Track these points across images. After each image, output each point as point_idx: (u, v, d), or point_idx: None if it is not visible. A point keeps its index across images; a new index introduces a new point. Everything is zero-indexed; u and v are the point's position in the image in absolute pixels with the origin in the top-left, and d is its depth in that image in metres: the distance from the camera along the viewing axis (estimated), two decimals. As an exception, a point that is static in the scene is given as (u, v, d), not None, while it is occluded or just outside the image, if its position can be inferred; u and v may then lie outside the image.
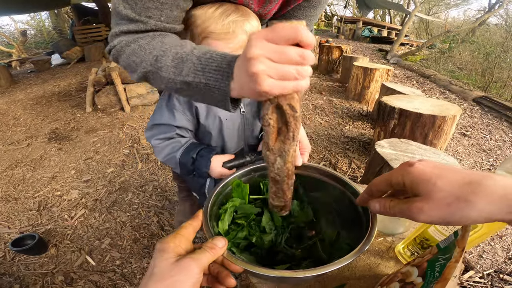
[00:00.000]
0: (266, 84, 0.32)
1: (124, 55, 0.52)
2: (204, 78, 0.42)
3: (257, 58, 0.31)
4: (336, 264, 0.41)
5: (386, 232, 0.67)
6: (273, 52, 0.31)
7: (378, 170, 1.33)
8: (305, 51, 0.32)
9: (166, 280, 0.33)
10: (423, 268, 0.36)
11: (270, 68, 0.32)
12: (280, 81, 0.33)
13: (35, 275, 1.38)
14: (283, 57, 0.32)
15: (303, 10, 0.71)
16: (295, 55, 0.32)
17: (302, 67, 0.33)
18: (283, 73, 0.32)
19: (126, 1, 0.49)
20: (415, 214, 0.32)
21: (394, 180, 0.35)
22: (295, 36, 0.31)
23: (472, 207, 0.28)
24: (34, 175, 2.17)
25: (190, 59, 0.44)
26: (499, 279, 1.29)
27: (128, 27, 0.51)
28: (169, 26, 0.54)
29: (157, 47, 0.49)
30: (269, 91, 0.33)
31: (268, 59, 0.32)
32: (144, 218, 1.69)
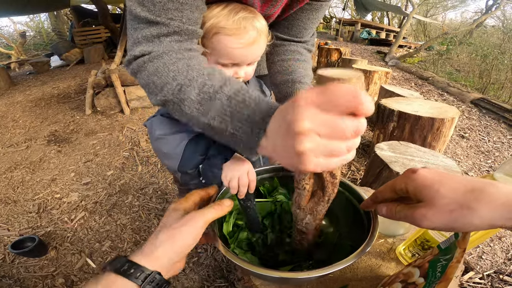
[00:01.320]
0: (311, 164, 0.28)
1: (145, 72, 0.47)
2: (232, 127, 0.37)
3: (306, 135, 0.26)
4: (338, 265, 0.42)
5: (387, 234, 0.68)
6: (325, 126, 0.26)
7: (378, 172, 1.34)
8: (361, 124, 0.27)
9: (174, 229, 0.39)
10: (424, 269, 0.37)
11: (319, 147, 0.27)
12: (327, 159, 0.28)
13: (35, 277, 1.38)
14: (336, 133, 0.26)
15: (306, 13, 0.71)
16: (350, 130, 0.26)
17: (353, 141, 0.28)
18: (333, 151, 0.27)
19: (142, 3, 0.45)
20: (418, 220, 0.32)
21: (398, 187, 0.36)
22: (354, 106, 0.25)
23: (475, 214, 0.29)
24: (34, 178, 2.17)
25: (219, 99, 0.39)
26: (499, 280, 1.30)
27: (150, 31, 0.46)
28: (192, 29, 0.50)
29: (183, 71, 0.44)
30: (313, 170, 0.28)
31: (318, 134, 0.26)
32: (145, 220, 1.69)
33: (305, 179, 0.37)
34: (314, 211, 0.40)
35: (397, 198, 0.39)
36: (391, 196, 0.38)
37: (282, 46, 0.78)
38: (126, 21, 0.50)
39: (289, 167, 0.32)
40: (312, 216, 0.41)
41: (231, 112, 0.37)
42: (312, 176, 0.37)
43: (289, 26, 0.75)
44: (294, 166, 0.30)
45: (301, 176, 0.37)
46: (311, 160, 0.27)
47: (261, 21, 0.62)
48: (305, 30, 0.76)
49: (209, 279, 1.31)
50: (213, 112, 0.39)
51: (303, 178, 0.37)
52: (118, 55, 3.26)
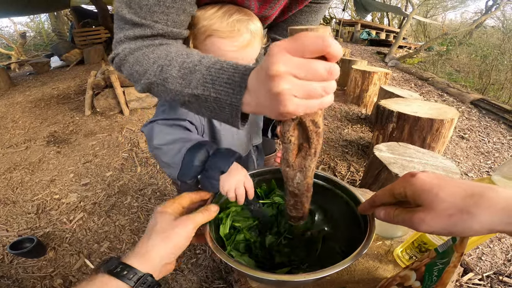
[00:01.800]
0: (291, 104, 0.29)
1: (127, 64, 0.50)
2: (214, 91, 0.39)
3: (281, 76, 0.28)
4: (335, 267, 0.41)
5: (385, 236, 0.68)
6: (298, 67, 0.28)
7: (377, 173, 1.34)
8: (332, 65, 0.29)
9: (166, 231, 0.42)
10: (421, 272, 0.36)
11: (295, 87, 0.29)
12: (305, 100, 0.30)
13: (34, 278, 1.37)
14: (310, 73, 0.28)
15: (305, 15, 0.71)
16: (323, 70, 0.28)
17: (328, 82, 0.30)
18: (309, 91, 0.29)
19: (129, 5, 0.46)
20: (417, 225, 0.32)
21: (396, 191, 0.36)
22: (323, 48, 0.27)
23: (474, 219, 0.28)
24: (33, 178, 2.16)
25: (198, 70, 0.41)
26: (499, 281, 1.29)
27: (133, 32, 0.48)
28: (176, 31, 0.51)
29: (162, 56, 0.46)
30: (294, 112, 0.30)
31: (293, 76, 0.28)
32: (143, 221, 1.69)
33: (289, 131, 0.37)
34: (303, 167, 0.40)
35: (396, 202, 0.39)
36: (390, 200, 0.38)
37: None
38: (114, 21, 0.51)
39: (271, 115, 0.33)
40: (301, 173, 0.41)
41: (211, 79, 0.39)
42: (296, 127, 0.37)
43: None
44: (275, 112, 0.31)
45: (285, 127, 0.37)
46: (290, 100, 0.29)
47: (256, 23, 0.61)
48: None
49: (207, 280, 1.30)
50: (195, 82, 0.41)
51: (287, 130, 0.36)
52: (117, 56, 3.25)
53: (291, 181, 0.43)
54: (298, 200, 0.47)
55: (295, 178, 0.42)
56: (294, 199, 0.47)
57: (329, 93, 0.31)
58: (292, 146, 0.39)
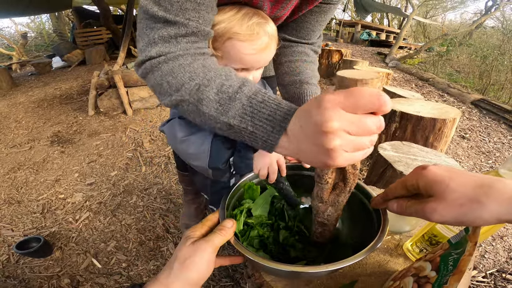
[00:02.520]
0: (341, 159, 0.30)
1: (159, 72, 0.46)
2: (251, 125, 0.37)
3: (335, 133, 0.28)
4: (349, 260, 0.42)
5: (394, 231, 0.69)
6: (351, 124, 0.29)
7: (382, 171, 1.36)
8: (381, 120, 0.30)
9: (187, 260, 0.40)
10: (436, 263, 0.38)
11: (347, 143, 0.29)
12: (353, 153, 0.31)
13: (40, 278, 1.38)
14: (361, 130, 0.29)
15: (314, 15, 0.72)
16: (374, 127, 0.29)
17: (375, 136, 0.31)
18: (359, 146, 0.30)
19: (158, 3, 0.44)
20: (429, 214, 0.33)
21: (409, 183, 0.38)
22: (378, 107, 0.28)
23: (484, 208, 0.30)
24: (37, 178, 2.18)
25: (239, 99, 0.39)
26: (502, 279, 1.31)
27: (167, 31, 0.45)
28: (207, 30, 0.49)
29: (199, 72, 0.44)
30: (342, 165, 0.31)
31: (346, 132, 0.29)
32: (149, 221, 1.70)
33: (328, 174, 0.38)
34: (335, 202, 0.42)
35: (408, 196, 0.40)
36: (403, 193, 0.40)
37: (289, 47, 0.80)
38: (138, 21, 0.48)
39: (313, 164, 0.34)
40: (333, 207, 0.43)
41: (251, 112, 0.38)
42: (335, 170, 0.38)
43: (297, 28, 0.76)
44: (320, 163, 0.32)
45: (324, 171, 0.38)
46: (341, 156, 0.30)
47: (272, 25, 0.62)
48: (313, 32, 0.77)
49: (214, 279, 1.32)
50: (233, 111, 0.39)
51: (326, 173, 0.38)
52: (120, 56, 3.28)
53: (321, 214, 0.44)
54: (326, 229, 0.49)
55: (326, 211, 0.44)
56: (323, 228, 0.48)
57: (373, 143, 0.32)
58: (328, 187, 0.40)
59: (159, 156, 2.39)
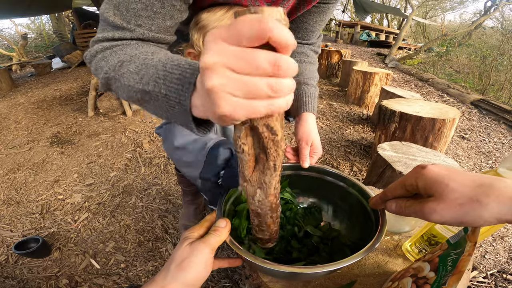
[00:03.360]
0: (226, 104, 0.23)
1: (95, 59, 0.49)
2: (164, 87, 0.35)
3: (213, 68, 0.23)
4: (347, 260, 0.42)
5: (393, 231, 0.69)
6: (234, 57, 0.22)
7: (381, 172, 1.35)
8: (279, 56, 0.22)
9: (183, 261, 0.40)
10: (435, 263, 0.37)
11: (231, 82, 0.23)
12: (246, 100, 0.24)
13: (39, 278, 1.38)
14: (249, 65, 0.22)
15: (313, 15, 0.72)
16: (264, 62, 0.22)
17: (277, 79, 0.23)
18: (250, 89, 0.23)
19: (117, 7, 0.46)
20: (428, 214, 0.33)
21: (408, 182, 0.37)
22: (260, 32, 0.21)
23: (484, 208, 0.29)
24: (37, 179, 2.17)
25: (154, 65, 0.38)
26: (503, 279, 1.30)
27: (113, 33, 0.47)
28: (159, 36, 0.50)
29: (128, 52, 0.45)
30: (231, 115, 0.24)
31: (228, 69, 0.23)
32: (148, 221, 1.69)
33: (241, 137, 0.30)
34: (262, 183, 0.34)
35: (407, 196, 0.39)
36: (402, 193, 0.39)
37: None
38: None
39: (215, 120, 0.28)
40: (262, 190, 0.35)
41: (163, 75, 0.35)
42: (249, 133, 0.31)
43: (296, 28, 0.76)
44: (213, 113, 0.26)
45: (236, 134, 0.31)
46: (224, 99, 0.23)
47: None
48: (312, 32, 0.77)
49: (213, 279, 1.31)
50: (147, 77, 0.38)
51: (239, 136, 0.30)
52: (120, 57, 3.27)
53: (251, 198, 0.38)
54: (261, 220, 0.41)
55: (255, 196, 0.36)
56: (258, 219, 0.42)
57: (278, 92, 0.24)
58: (246, 157, 0.32)
59: (159, 157, 2.39)
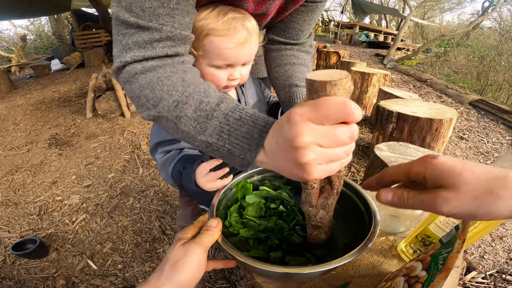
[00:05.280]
0: (316, 172, 0.30)
1: (137, 84, 0.45)
2: (229, 143, 0.38)
3: (307, 148, 0.28)
4: (339, 261, 0.41)
5: (388, 232, 0.68)
6: (322, 137, 0.28)
7: (378, 172, 1.35)
8: (354, 129, 0.29)
9: (177, 262, 0.40)
10: (427, 262, 0.37)
11: (320, 156, 0.29)
12: (328, 165, 0.30)
13: (36, 279, 1.37)
14: (334, 141, 0.29)
15: (301, 15, 0.71)
16: (346, 137, 0.29)
17: (349, 146, 0.31)
18: (333, 158, 0.30)
19: (129, 9, 0.43)
20: (439, 205, 0.30)
21: (414, 170, 0.34)
22: (346, 117, 0.27)
23: (500, 201, 0.28)
24: (35, 180, 2.17)
25: (216, 117, 0.39)
26: (502, 280, 1.30)
27: (141, 36, 0.44)
28: (185, 34, 0.48)
29: (177, 86, 0.43)
30: (317, 177, 0.31)
31: (318, 145, 0.29)
32: (146, 222, 1.69)
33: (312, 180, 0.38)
34: (325, 205, 0.42)
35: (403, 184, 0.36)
36: (401, 178, 0.36)
37: (278, 51, 0.79)
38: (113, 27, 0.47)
39: (292, 177, 0.33)
40: (324, 210, 0.43)
41: (228, 130, 0.38)
42: None
43: (285, 28, 0.75)
44: (297, 177, 0.32)
45: None
46: (315, 169, 0.29)
47: (251, 21, 0.62)
48: (301, 32, 0.76)
49: (210, 280, 1.31)
50: (210, 129, 0.39)
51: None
52: (118, 59, 3.27)
53: (314, 217, 0.45)
54: (321, 231, 0.49)
55: (317, 215, 0.44)
56: (317, 230, 0.48)
57: (349, 154, 0.32)
58: (315, 191, 0.40)
59: (157, 157, 2.39)
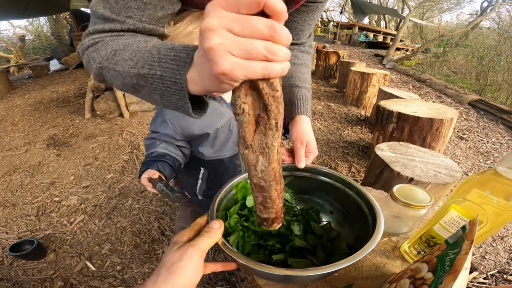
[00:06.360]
0: (225, 61, 0.25)
1: (87, 52, 0.49)
2: (159, 69, 0.36)
3: (213, 30, 0.25)
4: (342, 263, 0.40)
5: (390, 232, 0.68)
6: (233, 21, 0.25)
7: (379, 172, 1.34)
8: (274, 22, 0.25)
9: (172, 266, 0.38)
10: (433, 264, 0.36)
11: (230, 42, 0.25)
12: (244, 60, 0.26)
13: (34, 280, 1.36)
14: (246, 28, 0.25)
15: (302, 14, 0.71)
16: (262, 25, 0.25)
17: (273, 43, 0.26)
18: (248, 49, 0.25)
19: (106, 0, 0.47)
20: None
21: None
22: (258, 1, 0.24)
23: None
24: (33, 181, 2.15)
25: (149, 50, 0.39)
26: (503, 280, 1.29)
27: (103, 26, 0.48)
28: (150, 27, 0.50)
29: (120, 42, 0.46)
30: (230, 72, 0.26)
31: (227, 30, 0.25)
32: (145, 223, 1.68)
33: (240, 97, 0.30)
34: (264, 146, 0.33)
35: None
36: None
37: None
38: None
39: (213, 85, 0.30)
40: (264, 156, 0.33)
41: (158, 57, 0.37)
42: (249, 93, 0.30)
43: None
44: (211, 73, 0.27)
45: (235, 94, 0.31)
46: (223, 57, 0.25)
47: None
48: (301, 32, 0.76)
49: (210, 282, 1.29)
50: (142, 61, 0.39)
51: (238, 95, 0.30)
52: (117, 59, 3.26)
53: (253, 168, 0.35)
54: (266, 195, 0.37)
55: (257, 164, 0.34)
56: (262, 194, 0.38)
57: (275, 55, 0.26)
58: (247, 118, 0.32)
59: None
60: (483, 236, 0.46)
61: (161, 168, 0.78)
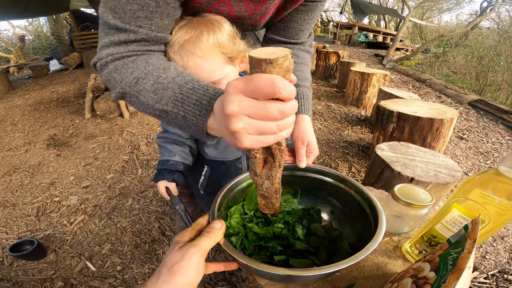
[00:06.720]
0: (246, 141, 0.32)
1: (107, 70, 0.51)
2: (182, 110, 0.42)
3: (236, 116, 0.30)
4: (344, 263, 0.40)
5: (392, 232, 0.68)
6: (252, 109, 0.30)
7: (379, 172, 1.34)
8: (285, 106, 0.30)
9: (173, 266, 0.38)
10: (435, 263, 0.36)
11: (249, 126, 0.31)
12: (260, 136, 0.32)
13: (34, 280, 1.36)
14: (263, 115, 0.30)
15: (301, 14, 0.71)
16: (275, 112, 0.30)
17: (282, 121, 0.32)
18: (264, 130, 0.32)
19: (114, 11, 0.48)
20: None
21: None
22: (274, 94, 0.29)
23: None
24: (33, 181, 2.15)
25: (171, 87, 0.43)
26: (504, 280, 1.29)
27: (118, 37, 0.49)
28: (160, 35, 0.53)
29: (140, 67, 0.48)
30: (250, 147, 0.33)
31: (247, 116, 0.31)
32: (145, 223, 1.68)
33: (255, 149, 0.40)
34: (269, 176, 0.45)
35: None
36: None
37: None
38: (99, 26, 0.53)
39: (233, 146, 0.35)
40: (269, 181, 0.46)
41: (182, 99, 0.42)
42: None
43: (285, 27, 0.74)
44: (234, 144, 0.34)
45: None
46: (245, 137, 0.32)
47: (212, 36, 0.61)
48: (301, 31, 0.76)
49: (211, 282, 1.29)
50: (166, 99, 0.43)
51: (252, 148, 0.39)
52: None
53: (260, 187, 0.48)
54: (268, 201, 0.52)
55: (263, 185, 0.47)
56: (265, 200, 0.52)
57: (283, 129, 0.33)
58: (258, 161, 0.43)
59: (156, 158, 2.37)
60: (485, 235, 0.46)
61: (176, 179, 0.85)
